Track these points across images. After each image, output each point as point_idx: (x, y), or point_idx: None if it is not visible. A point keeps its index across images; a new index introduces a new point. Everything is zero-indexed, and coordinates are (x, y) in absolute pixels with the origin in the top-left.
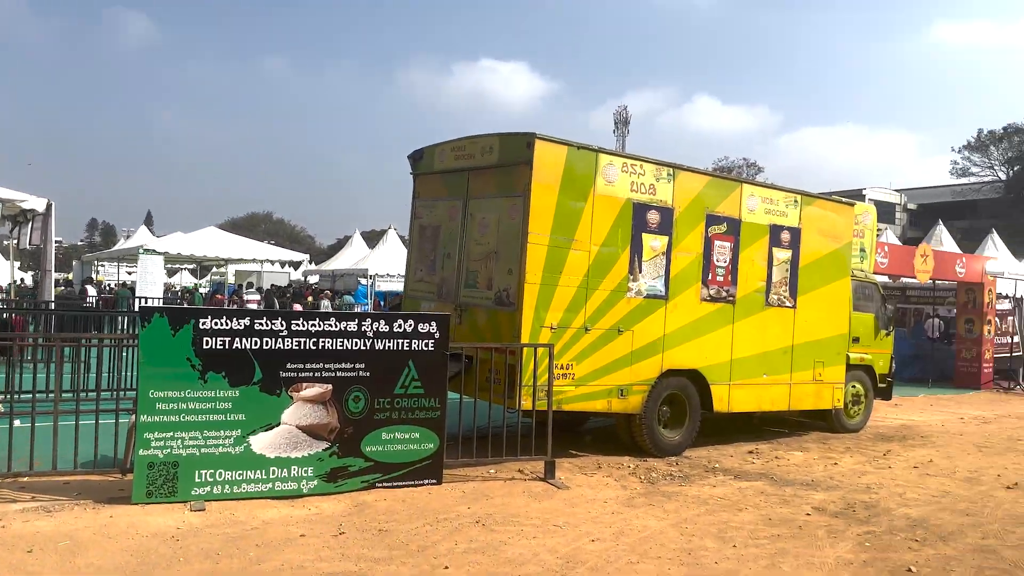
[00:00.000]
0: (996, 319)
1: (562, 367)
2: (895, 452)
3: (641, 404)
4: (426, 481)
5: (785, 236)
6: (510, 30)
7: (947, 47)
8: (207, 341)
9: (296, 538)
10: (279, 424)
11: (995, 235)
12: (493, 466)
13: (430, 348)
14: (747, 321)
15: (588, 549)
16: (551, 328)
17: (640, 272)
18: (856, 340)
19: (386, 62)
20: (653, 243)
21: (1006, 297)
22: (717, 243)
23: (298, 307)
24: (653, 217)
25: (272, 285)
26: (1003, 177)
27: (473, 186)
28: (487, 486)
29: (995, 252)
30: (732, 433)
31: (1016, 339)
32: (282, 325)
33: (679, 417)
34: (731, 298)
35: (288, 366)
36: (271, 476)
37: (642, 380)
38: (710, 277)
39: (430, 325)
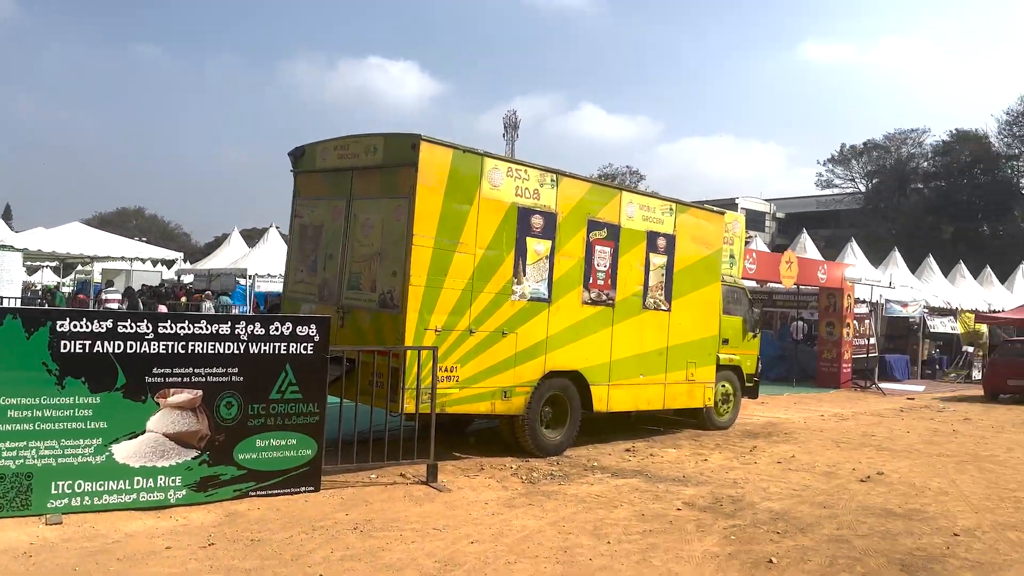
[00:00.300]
0: (854, 322)
1: (446, 370)
2: (761, 448)
3: (524, 405)
4: (303, 488)
5: (661, 242)
6: (400, 28)
7: (814, 66)
8: (65, 344)
9: (161, 551)
10: (144, 432)
11: (854, 243)
12: (374, 471)
13: (309, 352)
14: (625, 324)
15: (467, 551)
16: (436, 331)
17: (524, 275)
18: (726, 342)
19: (269, 55)
20: (537, 247)
21: (863, 302)
22: (598, 248)
23: (163, 308)
24: (537, 221)
25: (143, 285)
26: (863, 189)
27: (357, 186)
28: (367, 492)
29: (854, 259)
30: (611, 432)
31: (872, 341)
32: (148, 328)
33: (561, 417)
34: (611, 301)
35: (154, 371)
36: (136, 486)
37: (525, 382)
38: (591, 281)
39: (309, 328)
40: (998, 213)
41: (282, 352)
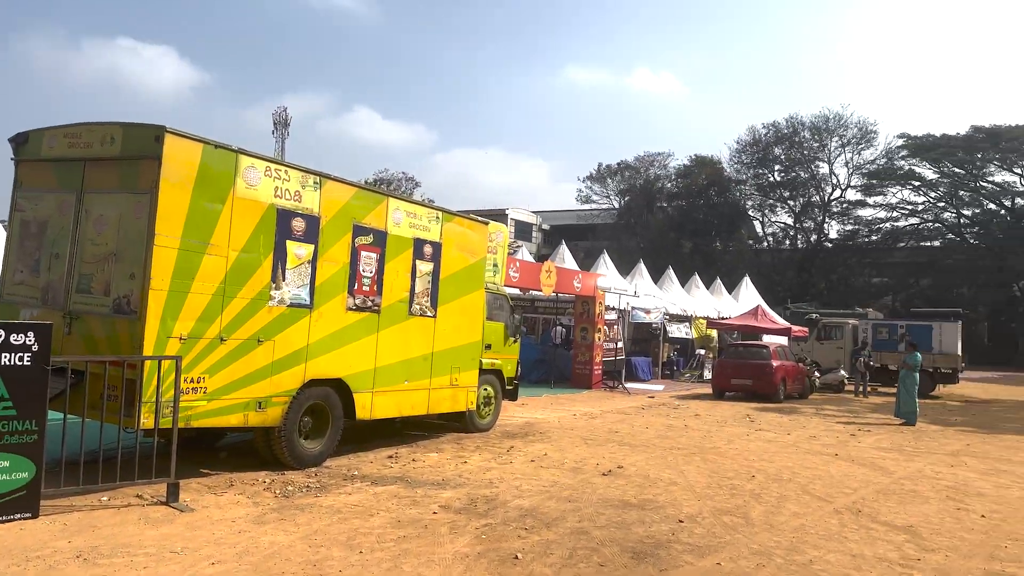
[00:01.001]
0: (605, 327)
1: (192, 380)
2: (517, 448)
3: (281, 416)
4: (18, 515)
5: (428, 250)
6: (155, 9)
7: (576, 88)
8: None
9: None
10: None
11: (606, 255)
12: (106, 493)
13: (25, 363)
14: (391, 330)
15: (206, 573)
16: (180, 339)
17: (284, 280)
18: (488, 347)
19: None
20: (298, 251)
21: (613, 308)
22: (364, 254)
23: None
24: (298, 224)
25: None
26: (616, 205)
27: (90, 179)
28: (95, 516)
29: (606, 270)
30: (375, 438)
31: (620, 344)
32: None
33: (321, 427)
34: (376, 308)
35: None
36: None
37: (283, 391)
38: (356, 287)
39: (26, 336)
40: (729, 231)
41: None
